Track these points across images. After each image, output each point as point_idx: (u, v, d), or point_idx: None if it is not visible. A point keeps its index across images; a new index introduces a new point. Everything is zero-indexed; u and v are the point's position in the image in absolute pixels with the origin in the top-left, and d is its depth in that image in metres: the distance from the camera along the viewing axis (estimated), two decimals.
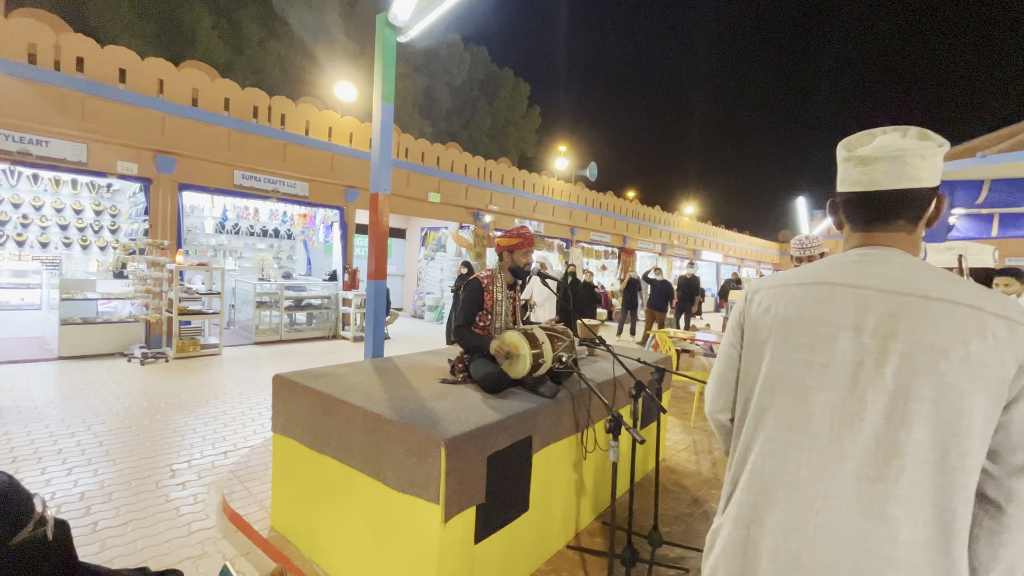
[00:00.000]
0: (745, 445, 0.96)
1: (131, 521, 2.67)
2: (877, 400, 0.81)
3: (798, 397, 0.88)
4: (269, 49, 17.06)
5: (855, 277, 0.87)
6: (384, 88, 3.43)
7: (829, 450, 0.84)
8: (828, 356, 0.85)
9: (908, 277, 0.84)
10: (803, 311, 0.89)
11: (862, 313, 0.84)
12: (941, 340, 0.78)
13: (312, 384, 2.31)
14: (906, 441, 0.78)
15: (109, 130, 6.51)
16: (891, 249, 0.89)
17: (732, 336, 1.03)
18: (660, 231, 19.67)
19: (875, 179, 0.88)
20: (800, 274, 0.94)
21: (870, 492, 0.80)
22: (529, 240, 2.70)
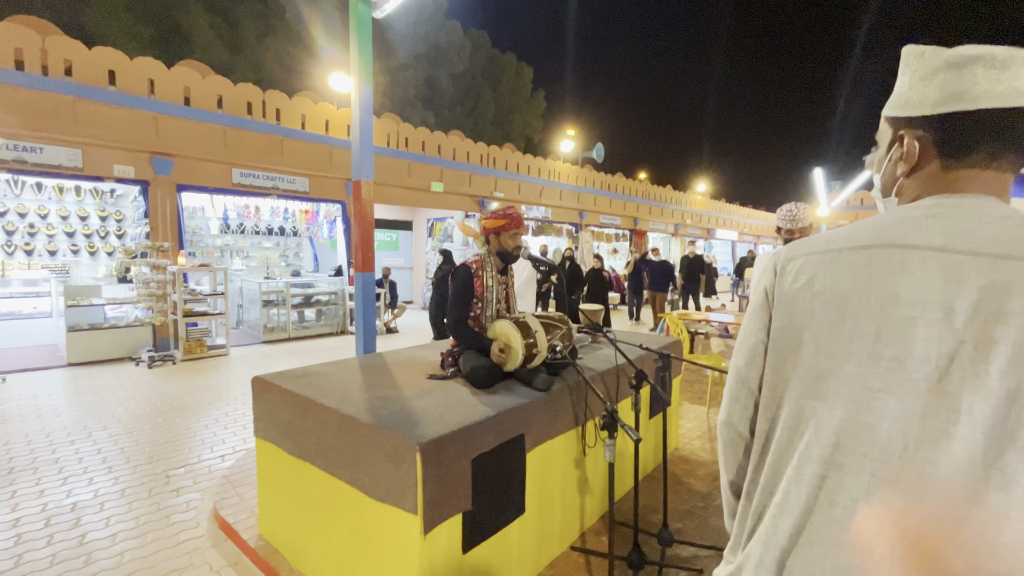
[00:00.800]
0: (774, 468, 0.71)
1: (120, 532, 2.58)
2: (976, 409, 0.57)
3: (856, 403, 0.63)
4: (267, 46, 16.94)
5: (940, 236, 0.62)
6: (361, 68, 3.23)
7: (902, 479, 0.60)
8: (903, 348, 0.61)
9: (1017, 234, 0.60)
10: (866, 284, 0.64)
11: (954, 286, 0.60)
12: None
13: (289, 386, 2.17)
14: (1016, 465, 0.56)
15: (102, 133, 6.44)
16: (984, 197, 0.65)
17: (756, 321, 0.77)
18: (672, 211, 19.20)
19: (1019, 88, 0.62)
20: (853, 235, 0.69)
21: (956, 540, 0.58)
22: (517, 220, 2.50)
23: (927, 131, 0.69)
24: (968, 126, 0.65)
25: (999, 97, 0.62)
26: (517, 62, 26.73)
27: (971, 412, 0.58)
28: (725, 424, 0.84)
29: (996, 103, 0.63)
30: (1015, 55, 0.62)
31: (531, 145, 27.55)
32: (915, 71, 0.70)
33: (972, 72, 0.64)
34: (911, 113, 0.70)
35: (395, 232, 13.29)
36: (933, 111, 0.67)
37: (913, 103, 0.70)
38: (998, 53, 0.63)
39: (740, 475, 0.83)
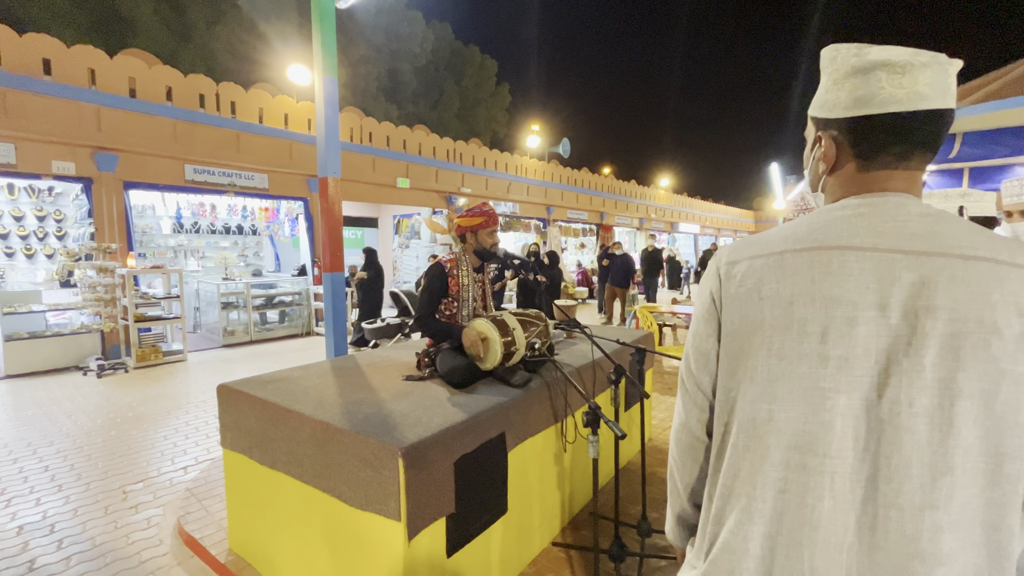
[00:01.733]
0: (732, 471, 0.72)
1: (74, 555, 2.42)
2: (917, 401, 0.61)
3: (811, 404, 0.65)
4: (217, 34, 16.12)
5: (870, 236, 0.65)
6: (325, 60, 3.11)
7: (859, 472, 0.63)
8: (848, 347, 0.63)
9: (934, 231, 0.64)
10: (809, 288, 0.66)
11: (887, 284, 0.63)
12: (992, 313, 0.59)
13: (258, 393, 2.07)
14: (955, 451, 0.60)
15: (38, 127, 5.98)
16: (903, 195, 0.68)
17: (705, 326, 0.77)
18: (637, 205, 19.56)
19: (920, 93, 0.65)
20: (792, 237, 0.70)
21: (918, 523, 0.61)
22: (493, 218, 2.47)
23: (842, 132, 0.72)
24: (876, 129, 0.69)
25: (901, 101, 0.66)
26: (481, 55, 26.50)
27: (911, 404, 0.61)
28: (683, 428, 0.84)
29: (899, 107, 0.66)
30: (913, 60, 0.65)
31: (497, 140, 27.43)
32: (830, 74, 0.73)
33: (877, 77, 0.67)
34: (827, 115, 0.73)
35: (360, 230, 12.98)
36: (845, 114, 0.70)
37: (829, 105, 0.73)
38: (898, 58, 0.66)
39: (700, 480, 0.84)
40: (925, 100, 0.65)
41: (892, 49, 0.67)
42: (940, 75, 0.66)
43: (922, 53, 0.66)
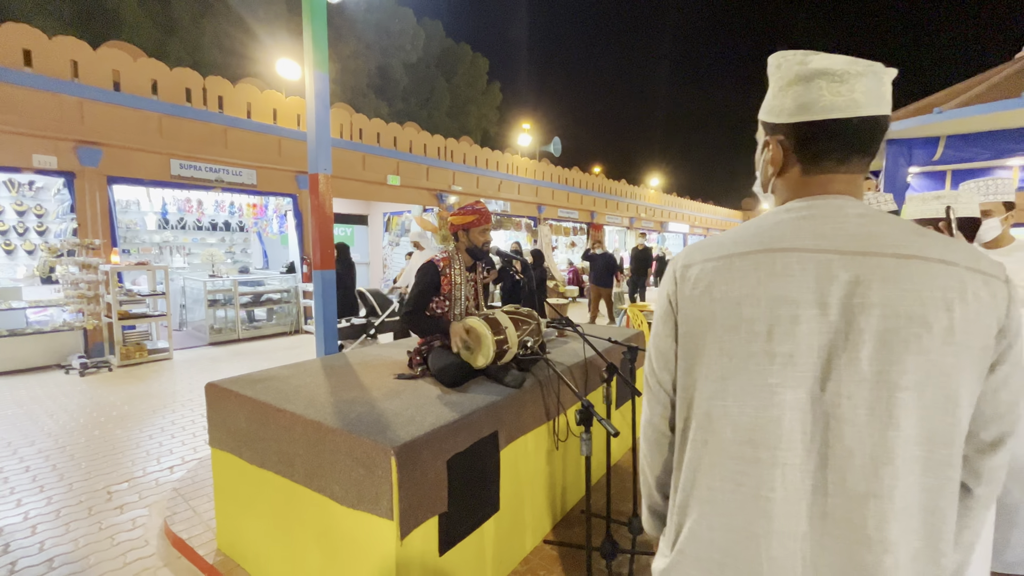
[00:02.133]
0: (693, 465, 0.75)
1: (56, 557, 2.37)
2: (856, 394, 0.64)
3: (761, 400, 0.68)
4: (204, 27, 15.86)
5: (811, 238, 0.69)
6: (316, 55, 3.07)
7: (807, 463, 0.67)
8: (792, 344, 0.67)
9: (870, 231, 0.68)
10: (755, 289, 0.69)
11: (825, 284, 0.66)
12: (921, 309, 0.63)
13: (247, 392, 2.05)
14: (895, 441, 0.63)
15: (17, 119, 5.83)
16: (842, 197, 0.72)
17: (664, 327, 0.81)
18: (627, 204, 19.65)
19: (856, 100, 0.69)
20: (740, 240, 0.73)
21: (863, 512, 0.64)
22: (486, 216, 2.46)
23: (788, 137, 0.75)
24: (818, 134, 0.72)
25: (840, 108, 0.69)
26: (472, 53, 26.41)
27: (850, 397, 0.65)
28: (648, 424, 0.88)
29: (838, 114, 0.70)
30: (850, 69, 0.69)
31: (488, 138, 27.37)
32: (776, 81, 0.76)
33: (818, 85, 0.70)
34: (774, 120, 0.76)
35: (350, 227, 12.88)
36: (790, 119, 0.74)
37: (775, 111, 0.76)
38: (837, 67, 0.69)
39: (666, 471, 0.88)
40: (861, 107, 0.69)
41: (832, 58, 0.70)
42: (875, 84, 0.69)
43: (858, 63, 0.70)
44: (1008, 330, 0.66)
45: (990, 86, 5.66)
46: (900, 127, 6.08)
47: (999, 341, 0.66)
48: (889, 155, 6.63)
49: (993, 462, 0.70)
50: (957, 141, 6.06)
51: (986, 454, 0.70)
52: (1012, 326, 0.67)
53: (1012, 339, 0.67)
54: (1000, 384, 0.68)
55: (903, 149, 6.51)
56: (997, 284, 0.66)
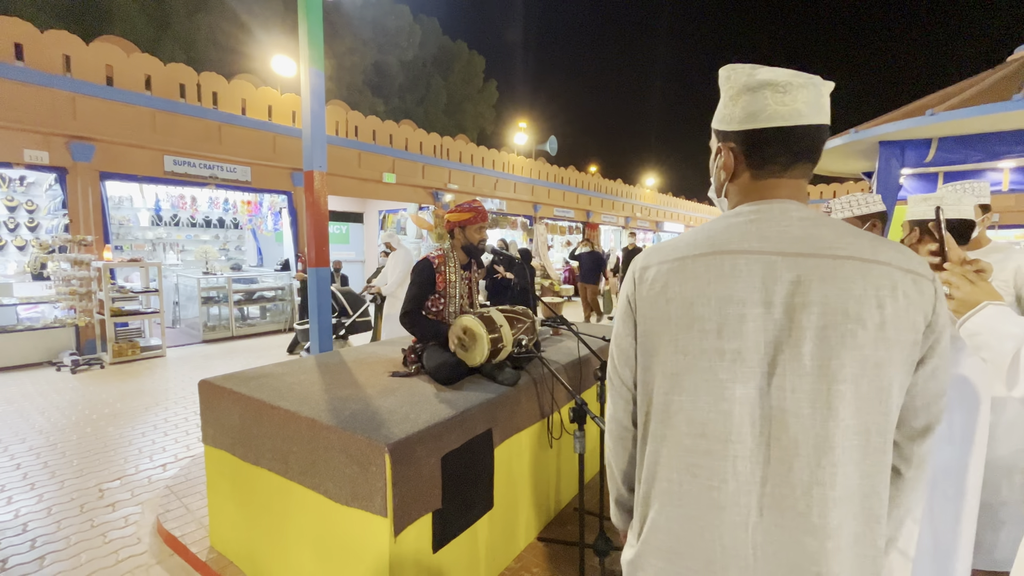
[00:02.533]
0: (653, 458, 0.79)
1: (48, 555, 2.36)
2: (799, 387, 0.69)
3: (712, 394, 0.72)
4: (198, 23, 15.74)
5: (757, 241, 0.73)
6: (311, 52, 3.06)
7: (757, 454, 0.70)
8: (740, 341, 0.71)
9: (811, 234, 0.72)
10: (705, 289, 0.73)
11: (770, 283, 0.71)
12: (856, 306, 0.68)
13: (241, 389, 2.04)
14: (835, 431, 0.68)
15: (9, 114, 5.77)
16: (787, 201, 0.76)
17: (624, 326, 0.85)
18: (623, 204, 19.70)
19: (799, 110, 0.73)
20: (694, 243, 0.78)
21: (808, 500, 0.68)
22: (482, 215, 2.47)
23: (738, 144, 0.79)
24: (764, 141, 0.76)
25: (784, 117, 0.74)
26: (468, 51, 26.35)
27: (794, 390, 0.69)
28: (612, 419, 0.92)
29: (782, 122, 0.74)
30: (793, 81, 0.73)
31: (484, 136, 27.34)
32: (726, 91, 0.80)
33: (764, 95, 0.75)
34: (725, 128, 0.81)
35: (345, 224, 12.83)
36: (739, 127, 0.78)
37: (726, 119, 0.80)
38: (781, 79, 0.74)
39: (631, 465, 0.92)
40: (803, 116, 0.73)
41: (777, 71, 0.75)
42: (815, 95, 0.73)
43: (800, 75, 0.74)
44: (935, 325, 0.71)
45: (982, 89, 5.72)
46: (893, 129, 6.13)
47: (927, 336, 0.71)
48: (882, 156, 6.68)
49: (922, 448, 0.76)
50: (949, 143, 6.12)
51: (916, 440, 0.75)
52: (939, 322, 0.71)
53: (939, 334, 0.72)
54: (929, 376, 0.73)
55: (895, 151, 6.57)
56: (925, 283, 0.70)
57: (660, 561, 0.77)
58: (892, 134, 6.29)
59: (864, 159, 7.98)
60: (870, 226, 1.96)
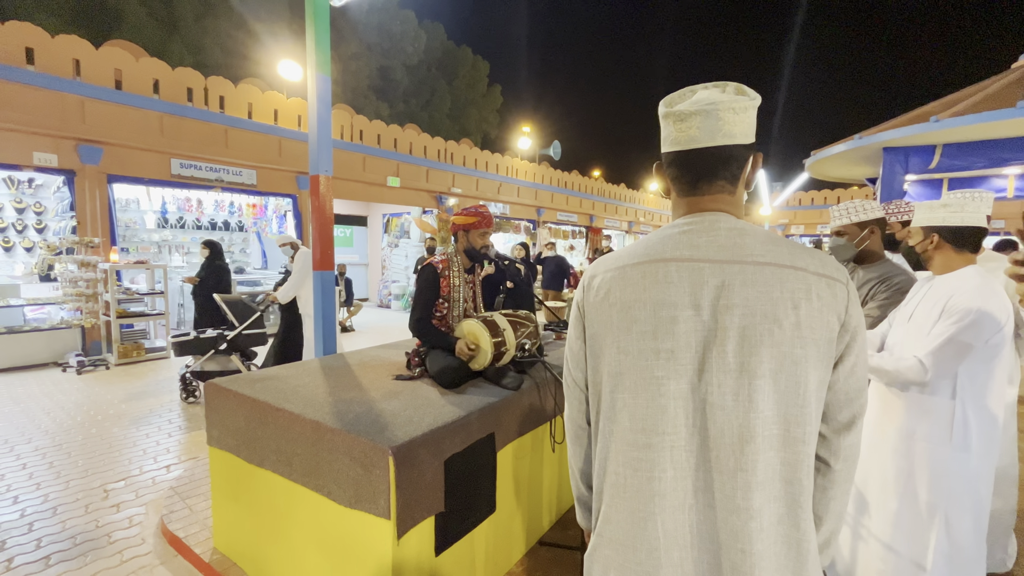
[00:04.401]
0: (603, 454, 0.86)
1: (53, 554, 2.37)
2: (724, 382, 0.75)
3: (650, 391, 0.79)
4: (206, 27, 15.89)
5: (688, 249, 0.80)
6: (318, 57, 3.09)
7: (691, 444, 0.77)
8: (673, 341, 0.77)
9: (736, 243, 0.79)
10: (642, 294, 0.80)
11: (698, 288, 0.77)
12: (773, 308, 0.74)
13: (246, 391, 2.06)
14: (756, 421, 0.74)
15: (19, 117, 5.84)
16: (717, 214, 0.83)
17: (575, 330, 0.93)
18: (626, 208, 19.72)
19: (692, 136, 0.81)
20: (634, 253, 0.85)
21: (733, 484, 0.75)
22: (487, 220, 2.48)
23: (664, 165, 0.89)
24: (671, 163, 0.86)
25: (681, 143, 0.83)
26: (473, 56, 26.48)
27: (720, 385, 0.75)
28: (569, 419, 1.00)
29: (680, 147, 0.83)
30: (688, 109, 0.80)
31: (488, 141, 27.43)
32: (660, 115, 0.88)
33: (668, 124, 0.84)
34: (661, 148, 0.89)
35: (349, 228, 12.89)
36: (664, 149, 0.87)
37: (661, 141, 0.89)
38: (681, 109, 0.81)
39: (587, 463, 0.99)
40: (695, 141, 0.81)
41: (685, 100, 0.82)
42: (710, 121, 0.79)
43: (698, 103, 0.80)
44: (849, 326, 0.77)
45: (987, 95, 5.71)
46: (897, 135, 6.13)
47: (842, 335, 0.77)
48: (886, 163, 6.68)
49: (847, 440, 0.81)
50: (953, 149, 6.12)
51: (841, 434, 0.81)
52: (852, 323, 0.78)
53: (854, 333, 0.78)
54: (848, 372, 0.79)
55: (900, 157, 6.57)
56: (838, 286, 0.77)
57: (611, 551, 0.83)
58: (896, 140, 6.29)
59: (868, 165, 7.98)
60: (868, 232, 1.96)
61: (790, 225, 20.18)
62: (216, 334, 4.62)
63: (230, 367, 4.68)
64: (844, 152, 7.21)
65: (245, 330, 4.70)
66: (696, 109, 0.80)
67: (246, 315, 4.77)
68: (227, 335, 4.63)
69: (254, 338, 4.86)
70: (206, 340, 4.58)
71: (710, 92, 0.81)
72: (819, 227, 19.39)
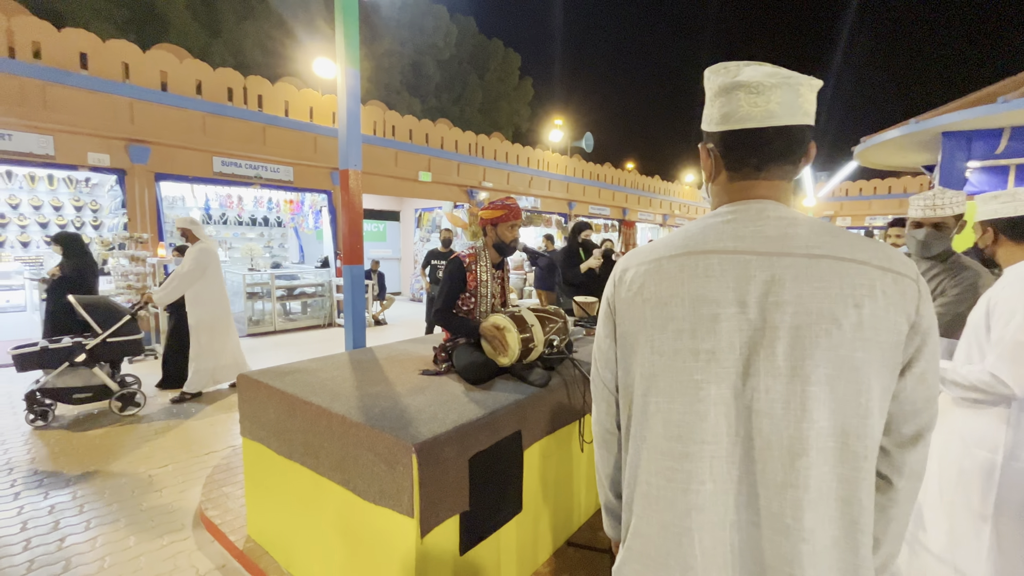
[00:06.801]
0: (634, 461, 0.79)
1: (100, 536, 2.49)
2: (772, 388, 0.67)
3: (688, 396, 0.72)
4: (247, 29, 16.42)
5: (731, 240, 0.73)
6: (348, 52, 3.10)
7: (733, 454, 0.70)
8: (714, 341, 0.70)
9: (786, 233, 0.71)
10: (680, 289, 0.73)
11: (744, 283, 0.70)
12: (831, 305, 0.66)
13: (276, 383, 2.08)
14: (809, 432, 0.66)
15: (74, 119, 6.17)
16: (764, 201, 0.75)
17: (604, 328, 0.86)
18: (660, 201, 19.25)
19: (771, 111, 0.72)
20: (671, 244, 0.78)
21: (781, 501, 0.67)
22: (515, 212, 2.42)
23: (716, 145, 0.79)
24: (738, 143, 0.76)
25: (756, 119, 0.73)
26: (504, 49, 26.37)
27: (767, 391, 0.67)
28: (596, 423, 0.94)
29: (755, 123, 0.73)
30: (766, 81, 0.71)
31: (519, 134, 27.32)
32: (707, 92, 0.79)
33: (737, 97, 0.74)
34: (705, 128, 0.80)
35: (382, 223, 13.11)
36: (716, 128, 0.78)
37: (707, 120, 0.80)
38: (753, 80, 0.72)
39: (617, 469, 0.92)
40: (775, 117, 0.72)
41: (752, 70, 0.73)
42: (791, 95, 0.71)
43: (776, 75, 0.72)
44: (919, 327, 0.68)
45: None
46: (959, 118, 5.69)
47: (911, 338, 0.68)
48: (945, 149, 6.22)
49: (912, 456, 0.73)
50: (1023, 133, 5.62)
51: (906, 448, 0.72)
52: (923, 324, 0.68)
53: (924, 336, 0.69)
54: (917, 380, 0.70)
55: (961, 142, 6.10)
56: (907, 283, 0.68)
57: (640, 567, 0.77)
58: (958, 124, 5.84)
59: (924, 151, 7.46)
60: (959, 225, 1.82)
61: (835, 216, 19.20)
62: (73, 343, 3.83)
63: (94, 382, 3.93)
64: (898, 138, 6.77)
65: (111, 337, 3.94)
66: (778, 82, 0.71)
67: (111, 319, 4.00)
68: (85, 343, 3.85)
69: (124, 346, 4.06)
70: (58, 351, 3.78)
71: (766, 66, 0.73)
72: (867, 219, 18.39)
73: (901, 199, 17.66)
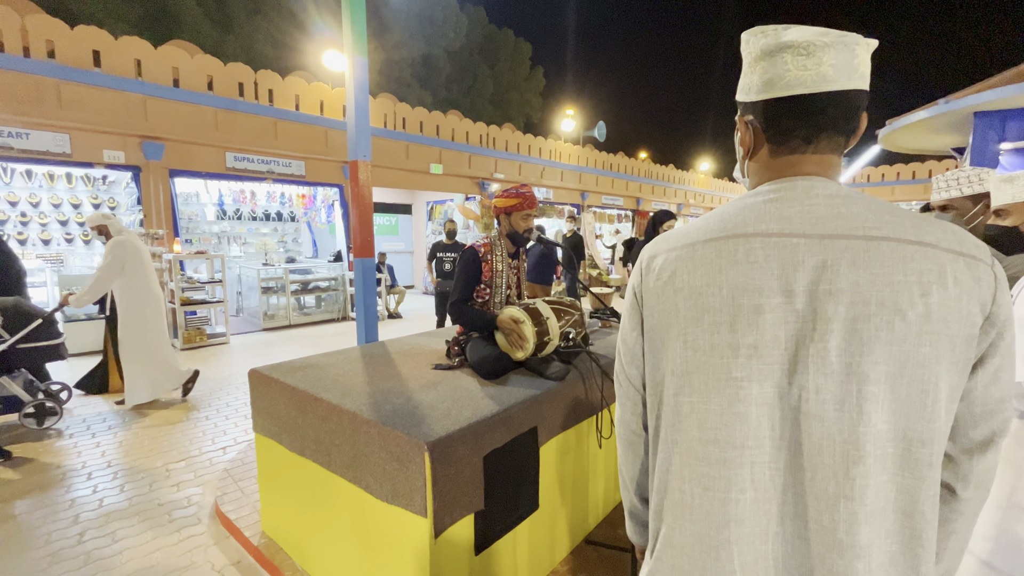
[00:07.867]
0: (664, 465, 0.71)
1: (119, 530, 2.50)
2: (824, 387, 0.59)
3: (726, 395, 0.64)
4: (257, 24, 16.45)
5: (776, 222, 0.64)
6: (355, 40, 3.04)
7: (777, 460, 0.62)
8: (756, 335, 0.62)
9: (840, 212, 0.62)
10: (717, 277, 0.65)
11: (791, 270, 0.61)
12: (894, 294, 0.58)
13: (287, 379, 2.05)
14: (866, 438, 0.58)
15: (89, 117, 6.22)
16: (812, 178, 0.66)
17: (630, 321, 0.78)
18: (675, 190, 18.93)
19: (824, 74, 0.63)
20: (705, 228, 0.69)
21: (833, 513, 0.60)
22: (530, 200, 2.34)
23: (756, 116, 0.70)
24: (783, 112, 0.66)
25: (806, 83, 0.63)
26: (515, 38, 26.06)
27: (818, 391, 0.60)
28: (620, 423, 0.86)
29: (805, 89, 0.64)
30: (817, 41, 0.62)
31: (531, 124, 27.05)
32: (745, 57, 0.71)
33: (783, 60, 0.64)
34: (743, 99, 0.71)
35: (394, 216, 13.10)
36: (757, 97, 0.68)
37: (745, 89, 0.71)
38: (802, 39, 0.63)
39: (643, 473, 0.85)
40: (829, 82, 0.63)
41: (798, 30, 0.64)
42: (846, 55, 0.62)
43: (828, 33, 0.63)
44: (996, 318, 0.60)
45: None
46: (992, 97, 5.43)
47: (986, 331, 0.60)
48: (977, 129, 5.96)
49: (982, 464, 0.65)
50: None
51: (975, 455, 0.65)
52: (1000, 314, 0.60)
53: (1002, 329, 0.60)
54: (991, 379, 0.62)
55: (994, 122, 5.83)
56: (982, 268, 0.59)
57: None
58: (990, 103, 5.58)
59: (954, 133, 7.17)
60: (983, 207, 1.67)
61: None
62: None
63: (4, 393, 3.55)
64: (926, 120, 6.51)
65: (23, 342, 3.50)
66: (831, 40, 0.62)
67: (22, 322, 3.53)
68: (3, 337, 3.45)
69: (42, 352, 3.63)
70: None
71: (813, 28, 0.64)
72: None
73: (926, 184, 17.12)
